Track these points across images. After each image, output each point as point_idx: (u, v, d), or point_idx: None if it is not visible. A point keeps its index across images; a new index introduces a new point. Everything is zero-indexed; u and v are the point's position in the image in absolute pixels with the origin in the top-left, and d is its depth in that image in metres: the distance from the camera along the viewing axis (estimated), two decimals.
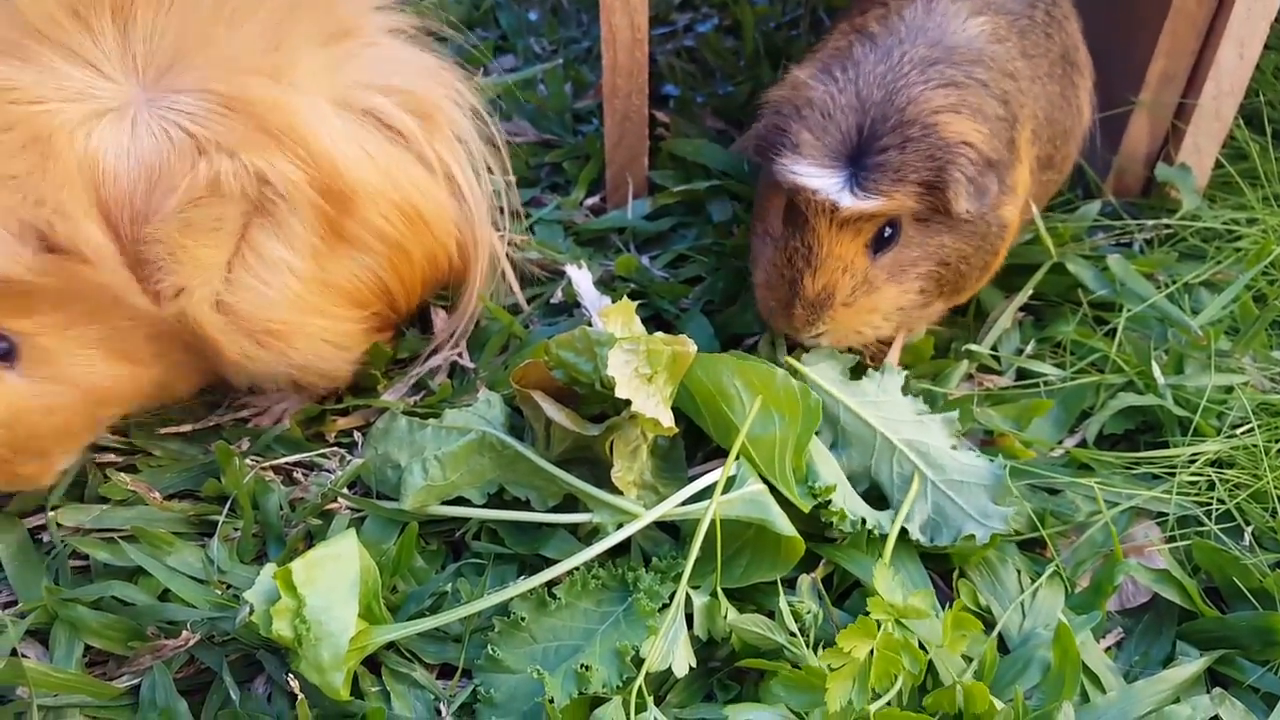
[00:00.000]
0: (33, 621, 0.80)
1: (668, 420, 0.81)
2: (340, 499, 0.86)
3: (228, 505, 0.87)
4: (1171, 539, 0.91)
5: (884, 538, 0.85)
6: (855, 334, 0.93)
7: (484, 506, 0.85)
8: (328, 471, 0.91)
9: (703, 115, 1.37)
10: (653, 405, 0.80)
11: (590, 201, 1.25)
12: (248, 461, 0.91)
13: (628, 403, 0.80)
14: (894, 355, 1.02)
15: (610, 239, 1.21)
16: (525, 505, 0.86)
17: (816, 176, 0.83)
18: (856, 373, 0.96)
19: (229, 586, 0.82)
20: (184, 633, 0.77)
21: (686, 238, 1.21)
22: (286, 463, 0.93)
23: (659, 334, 0.83)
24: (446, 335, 1.02)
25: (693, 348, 0.83)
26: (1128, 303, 1.08)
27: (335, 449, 0.93)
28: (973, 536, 0.85)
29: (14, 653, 0.77)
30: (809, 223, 0.86)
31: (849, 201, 0.83)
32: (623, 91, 1.14)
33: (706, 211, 1.22)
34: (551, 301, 1.10)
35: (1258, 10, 1.07)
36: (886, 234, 0.88)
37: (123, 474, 0.88)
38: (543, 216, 1.20)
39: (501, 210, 1.08)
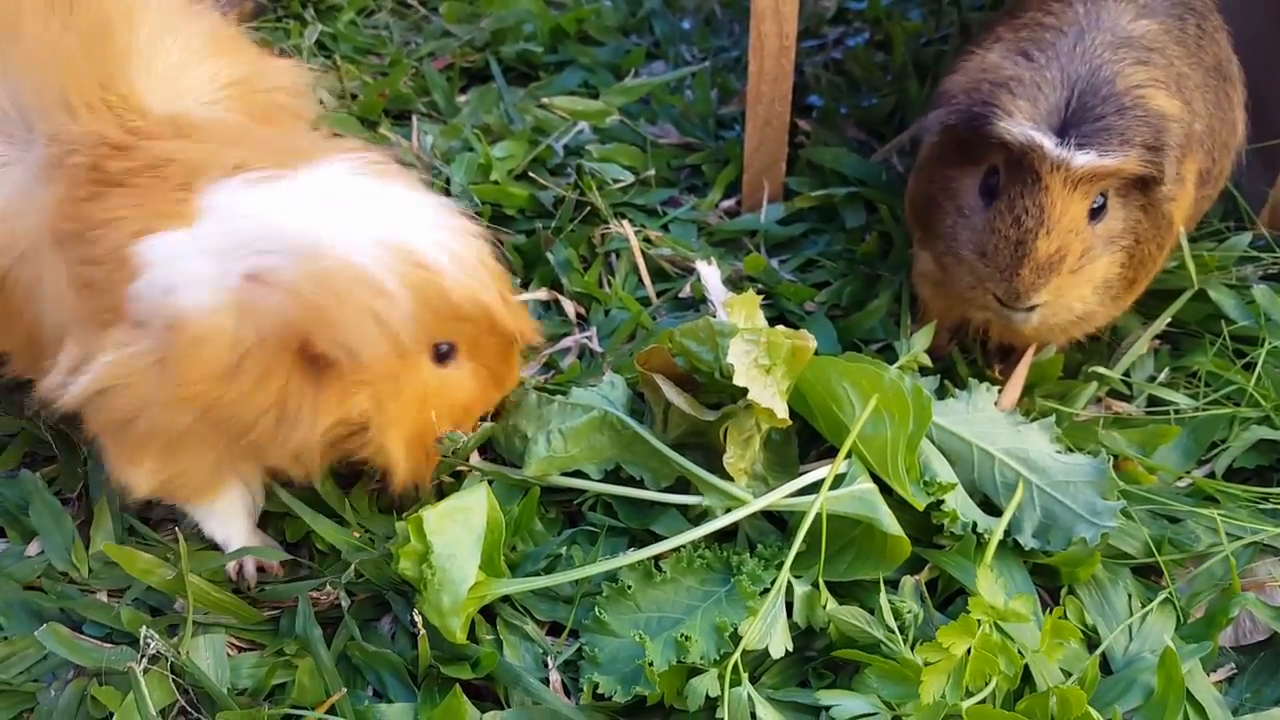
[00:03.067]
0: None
1: (782, 412, 0.82)
2: (470, 463, 0.90)
3: None
4: None
5: None
6: (1067, 309, 0.89)
7: (602, 480, 0.88)
8: (462, 435, 0.95)
9: (845, 126, 1.36)
10: (769, 396, 0.81)
11: (726, 204, 1.26)
12: None
13: (744, 392, 0.81)
14: (1019, 378, 1.00)
15: (742, 241, 1.22)
16: (639, 484, 0.88)
17: (1049, 136, 0.83)
18: (941, 393, 0.95)
19: (366, 531, 0.87)
20: (327, 587, 0.82)
21: (817, 244, 1.20)
22: None
23: (780, 327, 0.84)
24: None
25: (812, 343, 0.83)
26: (1271, 336, 1.02)
27: None
28: (1084, 540, 0.83)
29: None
30: (1041, 182, 0.84)
31: (1084, 160, 0.82)
32: (766, 98, 1.15)
33: (840, 218, 1.21)
34: (680, 296, 1.12)
35: None
36: (1098, 204, 0.87)
37: None
38: (678, 216, 1.23)
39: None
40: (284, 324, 0.70)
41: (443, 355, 0.81)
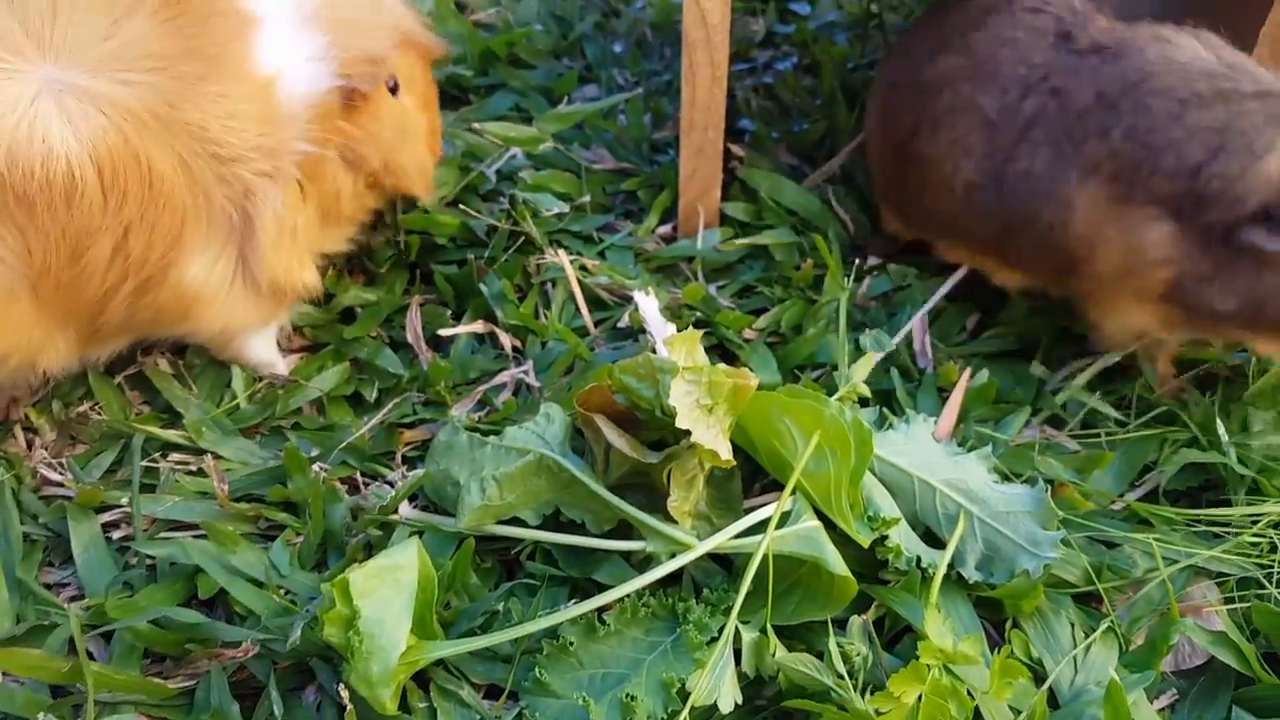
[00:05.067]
0: (95, 618, 0.78)
1: (726, 453, 0.77)
2: (400, 511, 0.83)
3: (295, 511, 0.85)
4: (1230, 600, 0.84)
5: None
6: None
7: (539, 527, 0.82)
8: (389, 484, 0.88)
9: (776, 150, 1.32)
10: (712, 437, 0.76)
11: (662, 230, 1.21)
12: (315, 469, 0.88)
13: (687, 432, 0.75)
14: (954, 404, 0.98)
15: (679, 267, 1.17)
16: (580, 528, 0.82)
17: None
18: (881, 422, 0.92)
19: (287, 592, 0.80)
20: (244, 644, 0.74)
21: (754, 268, 1.16)
22: (353, 473, 0.91)
23: (721, 366, 0.79)
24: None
25: (754, 381, 0.78)
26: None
27: (403, 459, 0.91)
28: (1027, 572, 0.80)
29: (75, 648, 0.75)
30: None
31: None
32: (699, 125, 1.10)
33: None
34: (618, 326, 1.06)
35: None
36: None
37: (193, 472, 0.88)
38: (614, 242, 1.17)
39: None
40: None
41: (393, 90, 0.94)
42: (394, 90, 0.94)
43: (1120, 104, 0.88)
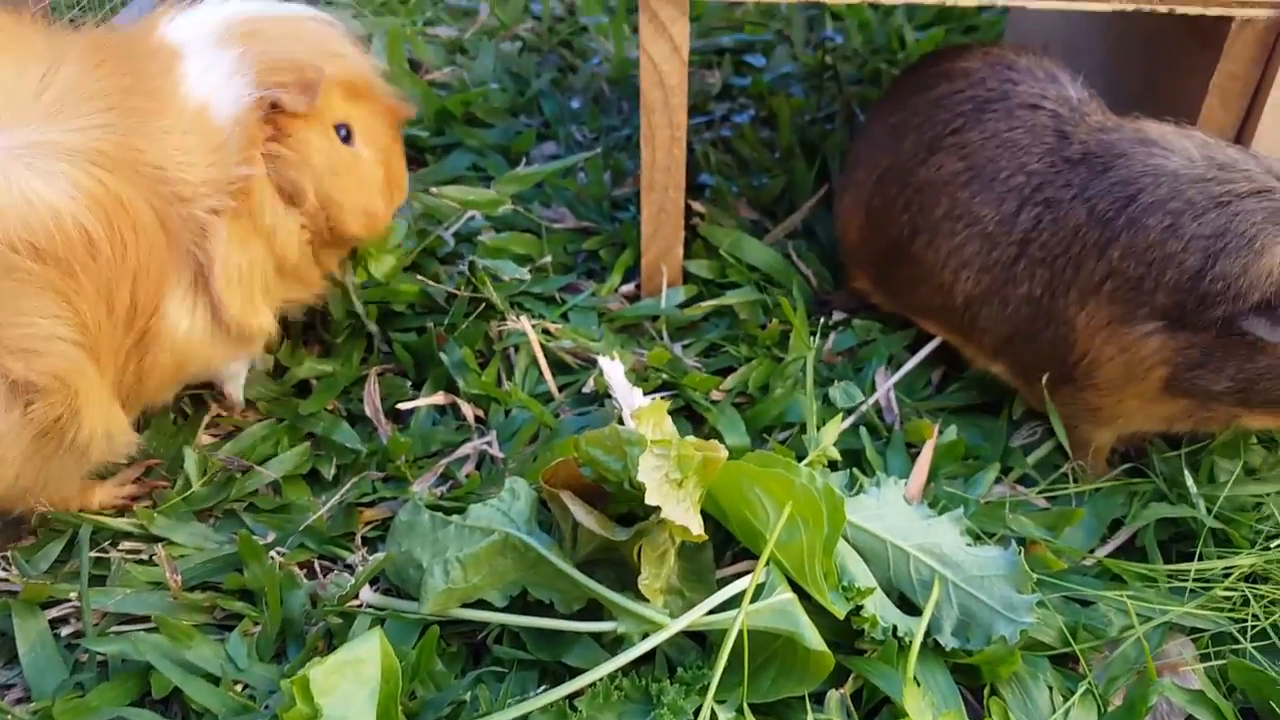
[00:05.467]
0: None
1: (697, 528, 0.76)
2: (361, 596, 0.81)
3: (252, 600, 0.83)
4: (1206, 657, 0.84)
5: None
6: None
7: (507, 608, 0.80)
8: (349, 567, 0.86)
9: (737, 205, 1.33)
10: (683, 512, 0.75)
11: (625, 289, 1.21)
12: (272, 555, 0.86)
13: (657, 508, 0.74)
14: (924, 463, 0.98)
15: (644, 326, 1.17)
16: (549, 608, 0.80)
17: None
18: (852, 482, 0.93)
19: (245, 687, 0.77)
20: None
21: (719, 326, 1.16)
22: (312, 557, 0.88)
23: (690, 438, 0.78)
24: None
25: (723, 453, 0.78)
26: None
27: (363, 540, 0.89)
28: (1004, 639, 0.80)
29: None
30: None
31: None
32: (660, 185, 1.11)
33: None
34: (583, 391, 1.05)
35: None
36: None
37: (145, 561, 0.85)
38: (577, 303, 1.17)
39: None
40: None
41: (344, 139, 0.94)
42: (346, 137, 0.94)
43: (1114, 222, 0.89)
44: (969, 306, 1.00)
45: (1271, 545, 0.90)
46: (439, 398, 1.02)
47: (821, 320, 1.15)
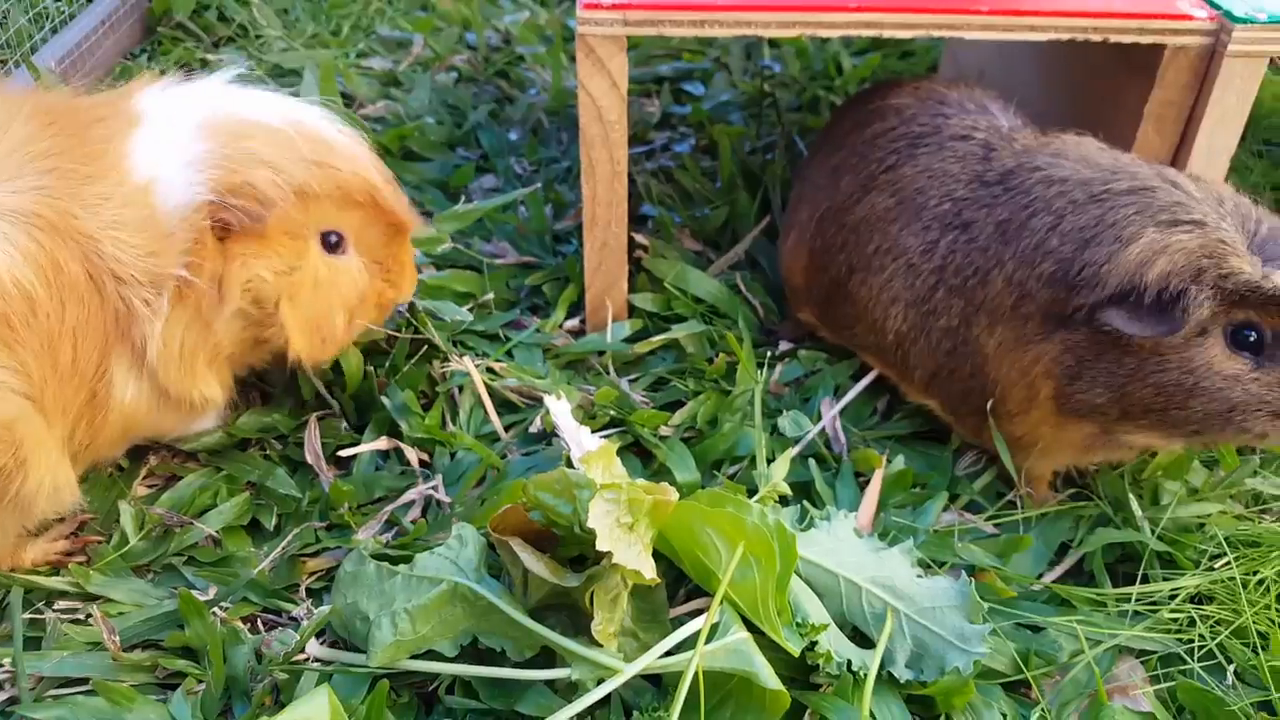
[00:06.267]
0: None
1: (650, 572, 0.76)
2: (307, 650, 0.80)
3: (195, 658, 0.81)
4: (1155, 678, 0.87)
5: None
6: None
7: (458, 658, 0.79)
8: (294, 620, 0.85)
9: (680, 237, 1.35)
10: (634, 556, 0.76)
11: (570, 324, 1.22)
12: (213, 610, 0.84)
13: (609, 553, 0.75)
14: (873, 494, 1.00)
15: (590, 361, 1.17)
16: (501, 655, 0.80)
17: None
18: (803, 515, 0.94)
19: None
20: None
21: (666, 359, 1.18)
22: (255, 611, 0.87)
23: (640, 481, 0.79)
24: None
25: (673, 496, 0.79)
26: None
27: (307, 592, 0.88)
28: (958, 669, 0.81)
29: None
30: None
31: None
32: (602, 221, 1.12)
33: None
34: (530, 430, 1.05)
35: (1217, 148, 1.07)
36: None
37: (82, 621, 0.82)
38: (522, 340, 1.17)
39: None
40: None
41: (332, 245, 0.91)
42: (336, 244, 0.92)
43: (1009, 230, 0.92)
44: (899, 344, 1.02)
45: (1216, 566, 0.94)
46: (382, 442, 1.02)
47: (768, 352, 1.17)
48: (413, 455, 1.01)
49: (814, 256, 1.10)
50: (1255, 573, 0.93)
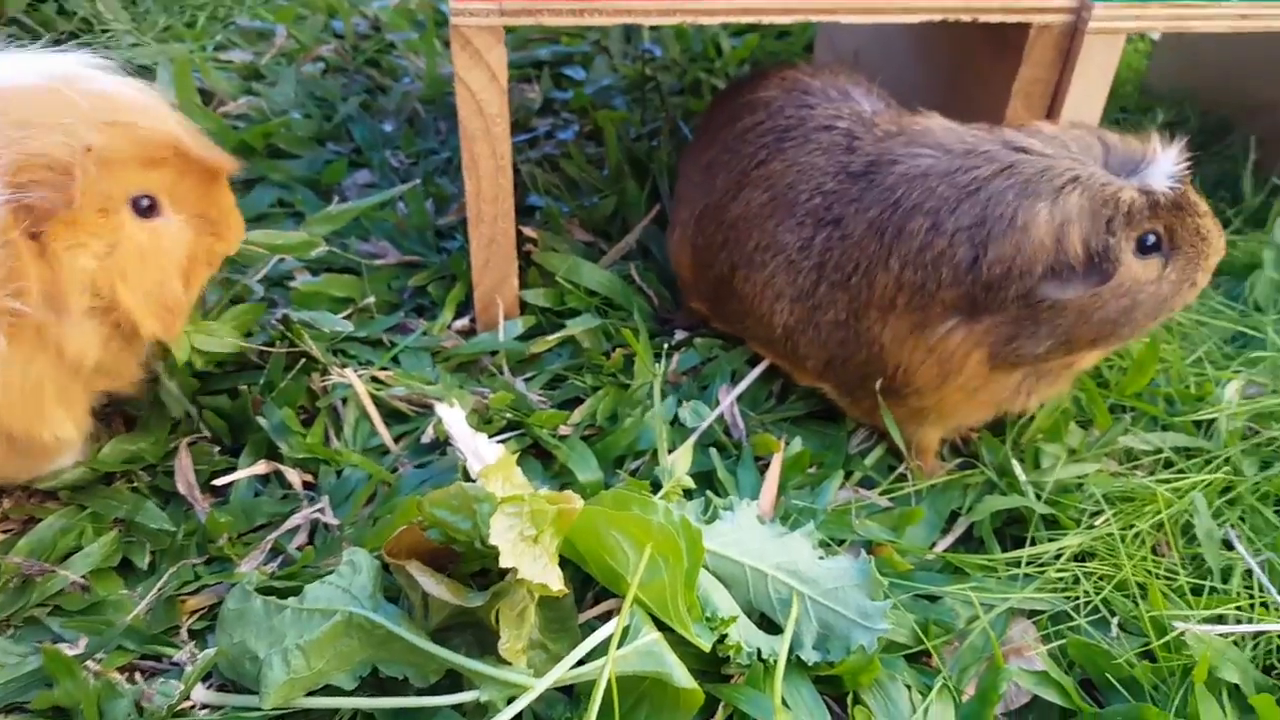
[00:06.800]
0: None
1: (557, 584, 0.75)
2: (194, 697, 0.75)
3: (68, 718, 0.76)
4: (1047, 637, 0.91)
5: None
6: None
7: (358, 689, 0.77)
8: (177, 665, 0.80)
9: (570, 228, 1.33)
10: (540, 569, 0.74)
11: (459, 324, 1.19)
12: (85, 664, 0.79)
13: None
14: (773, 478, 1.01)
15: (482, 362, 1.14)
16: (405, 683, 0.77)
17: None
18: (706, 507, 0.94)
19: None
20: None
21: (562, 356, 1.16)
22: (133, 660, 0.82)
23: (543, 491, 0.77)
24: None
25: (577, 503, 0.77)
26: None
27: (189, 633, 0.83)
28: (863, 648, 0.83)
29: None
30: (1193, 203, 0.89)
31: None
32: (488, 216, 1.09)
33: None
34: (422, 441, 1.02)
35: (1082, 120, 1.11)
36: None
37: None
38: (408, 344, 1.13)
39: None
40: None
41: (145, 209, 0.84)
42: (149, 208, 0.84)
43: (886, 231, 0.93)
44: (788, 336, 1.03)
45: (1096, 523, 0.98)
46: (260, 466, 0.97)
47: (664, 343, 1.17)
48: (295, 477, 0.96)
49: (698, 254, 1.10)
50: (1132, 526, 0.98)
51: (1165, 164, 0.88)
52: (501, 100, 1.01)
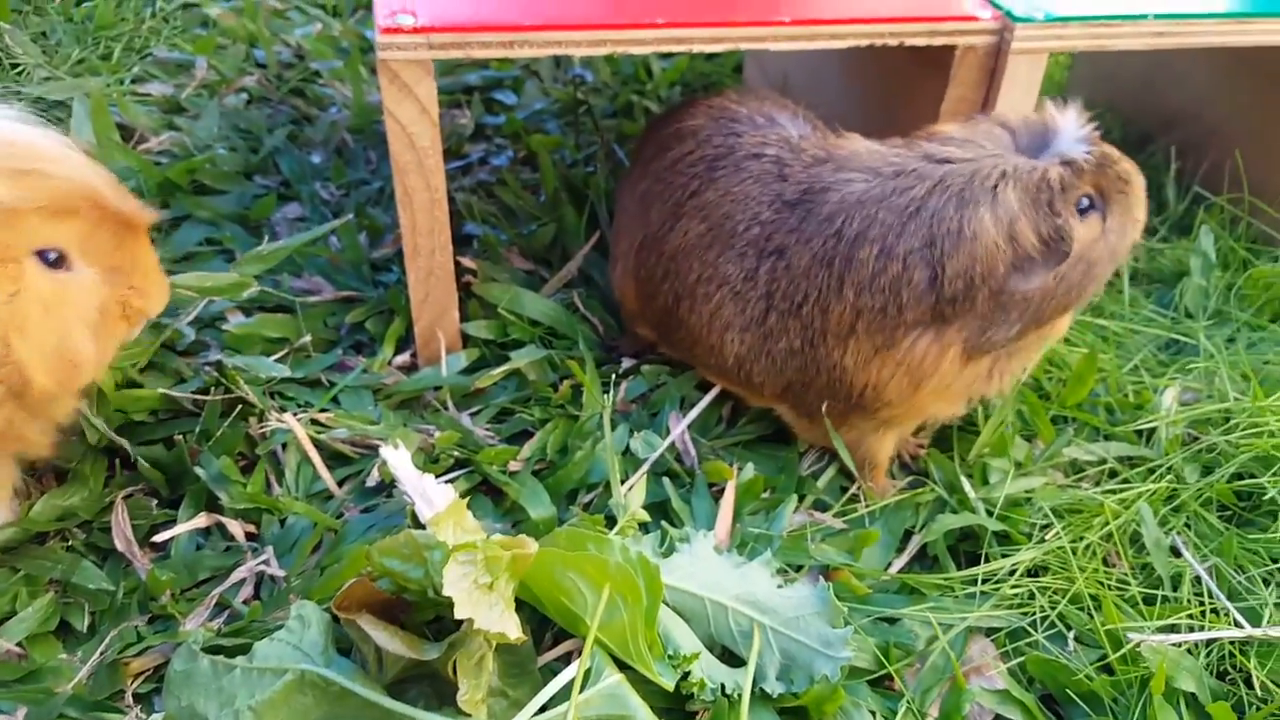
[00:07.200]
0: None
1: (515, 631, 0.73)
2: None
3: None
4: (1005, 654, 0.92)
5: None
6: None
7: None
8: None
9: (509, 256, 1.31)
10: (497, 617, 0.72)
11: (400, 359, 1.16)
12: None
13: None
14: (728, 506, 1.01)
15: (425, 398, 1.12)
16: None
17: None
18: (663, 539, 0.93)
19: None
20: None
21: (508, 388, 1.14)
22: None
23: (496, 537, 0.75)
24: None
25: (532, 547, 0.76)
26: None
27: (134, 698, 0.79)
28: (826, 677, 0.83)
29: None
30: (1107, 154, 0.91)
31: None
32: (424, 250, 1.07)
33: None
34: (367, 484, 0.99)
35: None
36: None
37: None
38: (348, 383, 1.10)
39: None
40: None
41: (53, 262, 0.81)
42: (57, 261, 0.81)
43: (834, 262, 0.93)
44: (740, 366, 1.03)
45: (1047, 537, 1.00)
46: (200, 519, 0.93)
47: (612, 373, 1.15)
48: (237, 528, 0.93)
49: (640, 286, 1.10)
50: (1082, 538, 1.00)
51: (1071, 129, 0.91)
52: (433, 133, 0.99)
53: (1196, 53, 1.52)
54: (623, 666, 0.80)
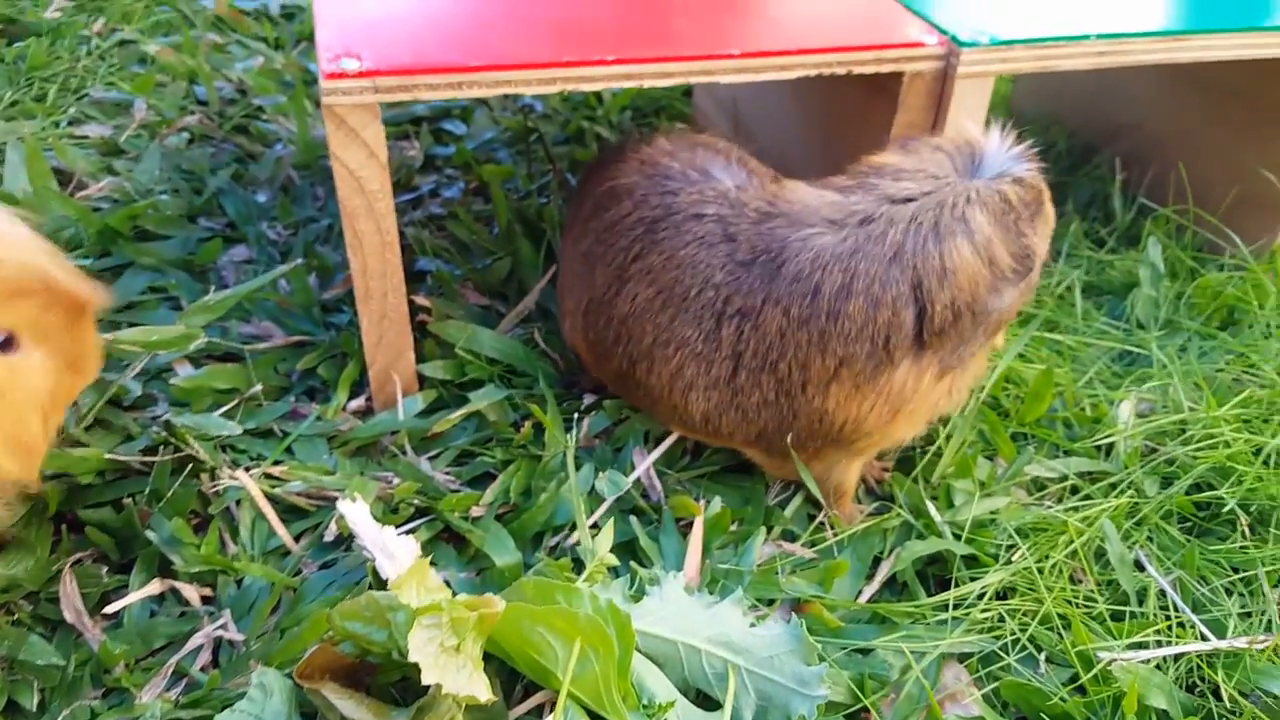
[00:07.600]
0: None
1: (486, 693, 0.72)
2: None
3: None
4: (979, 680, 0.92)
5: None
6: None
7: None
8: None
9: (464, 292, 1.30)
10: (465, 680, 0.71)
11: (354, 404, 1.14)
12: None
13: None
14: (696, 543, 1.00)
15: (383, 444, 1.10)
16: None
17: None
18: (633, 580, 0.93)
19: None
20: None
21: (468, 429, 1.12)
22: None
23: (462, 597, 0.74)
24: None
25: (499, 605, 0.74)
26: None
27: None
28: (803, 717, 0.82)
29: None
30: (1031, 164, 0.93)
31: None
32: (377, 293, 1.05)
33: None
34: (325, 539, 0.97)
35: None
36: None
37: None
38: (302, 432, 1.08)
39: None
40: None
41: (2, 345, 0.80)
42: (6, 344, 0.79)
43: (815, 320, 0.92)
44: (708, 420, 1.01)
45: (1013, 558, 1.01)
46: (154, 585, 0.90)
47: (574, 411, 1.14)
48: (192, 592, 0.90)
49: (592, 347, 1.07)
50: (1048, 557, 1.01)
51: (1002, 147, 0.92)
52: (382, 176, 0.97)
53: (1139, 67, 1.55)
54: (596, 719, 0.79)
